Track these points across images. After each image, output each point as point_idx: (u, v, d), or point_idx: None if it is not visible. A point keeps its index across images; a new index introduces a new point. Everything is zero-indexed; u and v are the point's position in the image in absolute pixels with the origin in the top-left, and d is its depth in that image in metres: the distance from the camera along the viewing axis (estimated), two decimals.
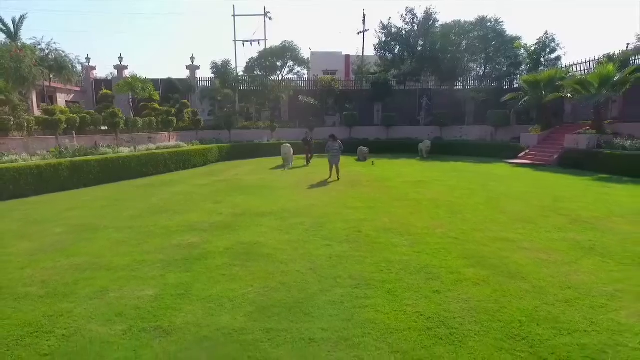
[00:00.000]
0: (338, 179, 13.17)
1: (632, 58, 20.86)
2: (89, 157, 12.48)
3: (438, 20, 34.08)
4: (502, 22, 33.36)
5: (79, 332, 3.56)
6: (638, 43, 20.82)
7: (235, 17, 32.04)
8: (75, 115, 14.57)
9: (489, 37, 32.48)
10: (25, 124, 13.20)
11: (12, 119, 12.64)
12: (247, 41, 32.45)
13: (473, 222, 7.40)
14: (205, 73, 32.35)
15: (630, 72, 17.35)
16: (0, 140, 12.34)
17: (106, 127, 17.17)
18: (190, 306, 4.05)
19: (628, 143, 15.25)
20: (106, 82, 28.38)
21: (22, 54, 13.46)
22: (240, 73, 30.27)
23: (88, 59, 29.58)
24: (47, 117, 13.29)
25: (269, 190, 11.41)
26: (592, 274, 4.81)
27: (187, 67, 31.13)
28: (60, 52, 16.26)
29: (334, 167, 13.44)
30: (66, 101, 26.82)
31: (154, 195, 10.81)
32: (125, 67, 30.81)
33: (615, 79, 17.22)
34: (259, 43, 32.71)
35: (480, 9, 79.91)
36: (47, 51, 16.08)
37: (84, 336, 3.49)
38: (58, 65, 16.06)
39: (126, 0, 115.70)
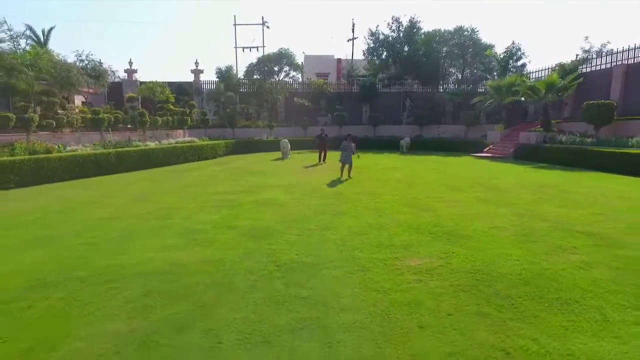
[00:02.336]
0: (350, 177, 13.06)
1: (580, 67, 24.45)
2: (128, 149, 15.58)
3: (422, 29, 37.37)
4: (478, 31, 37.01)
5: (188, 224, 6.74)
6: (584, 55, 24.34)
7: (236, 27, 35.03)
8: (111, 115, 17.62)
9: (466, 44, 36.07)
10: (75, 121, 16.23)
11: (65, 117, 15.63)
12: (247, 47, 35.68)
13: (421, 191, 10.67)
14: (207, 76, 35.25)
15: (571, 80, 20.87)
16: (58, 134, 15.35)
17: (131, 125, 20.19)
18: (242, 221, 7.24)
19: (564, 138, 18.74)
20: (116, 85, 31.18)
21: (71, 64, 16.49)
22: (241, 76, 33.39)
23: (100, 63, 32.44)
24: (94, 116, 16.34)
25: (273, 173, 14.62)
26: (477, 210, 8.10)
27: (192, 72, 34.10)
28: (97, 62, 19.30)
29: (346, 166, 13.29)
30: (81, 102, 29.68)
31: (184, 177, 13.95)
32: (135, 71, 33.65)
33: (559, 85, 20.70)
34: (257, 49, 35.95)
35: (459, 18, 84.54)
36: (86, 61, 19.14)
37: (189, 228, 6.66)
38: (96, 74, 19.08)
39: (133, 8, 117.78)
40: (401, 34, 38.20)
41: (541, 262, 4.98)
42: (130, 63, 33.23)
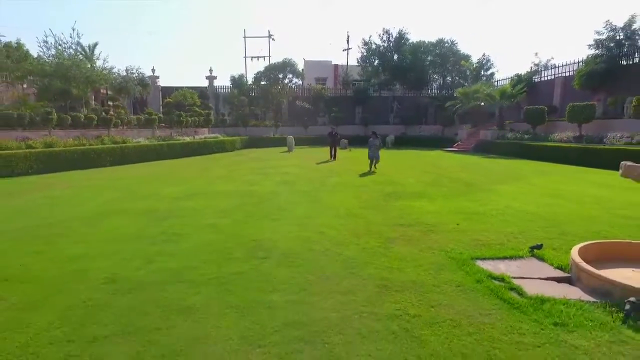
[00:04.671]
0: (375, 170, 14.44)
1: (533, 77, 29.68)
2: (174, 142, 20.69)
3: (409, 39, 42.40)
4: (457, 43, 42.14)
5: (245, 178, 11.84)
6: (535, 67, 29.54)
7: (246, 39, 40.17)
8: (157, 115, 22.73)
9: (447, 54, 41.21)
10: (134, 121, 21.35)
11: (126, 117, 20.71)
12: (255, 57, 40.69)
13: (392, 172, 15.80)
14: (219, 82, 40.29)
15: (520, 89, 26.07)
16: (121, 130, 20.42)
17: (164, 124, 25.29)
18: (273, 177, 12.34)
19: (510, 135, 23.92)
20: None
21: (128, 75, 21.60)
22: (250, 82, 38.47)
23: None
24: (148, 116, 21.45)
25: (284, 159, 19.74)
26: (417, 175, 13.23)
27: (207, 78, 39.20)
28: (143, 73, 24.38)
29: (373, 160, 14.65)
30: (113, 104, 34.75)
31: (221, 161, 19.03)
32: (157, 77, 38.75)
33: (510, 93, 25.89)
34: (264, 59, 40.97)
35: (440, 31, 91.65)
36: (135, 73, 24.21)
37: (246, 180, 11.74)
38: (142, 83, 24.16)
39: (149, 18, 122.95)
40: (391, 44, 43.19)
41: (427, 188, 10.12)
42: (153, 70, 38.27)
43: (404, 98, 40.27)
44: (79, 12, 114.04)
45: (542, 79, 28.97)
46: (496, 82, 33.67)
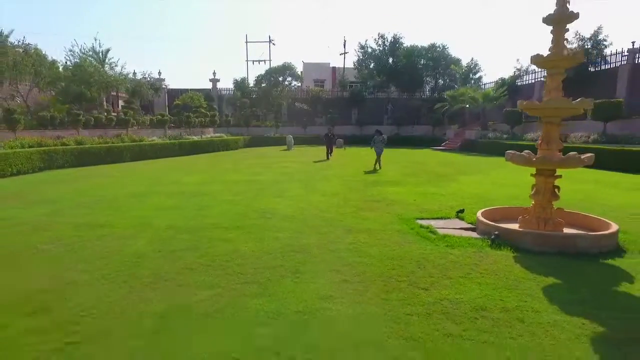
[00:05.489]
0: (380, 167, 15.15)
1: (517, 80, 31.87)
2: (183, 140, 22.83)
3: (403, 44, 44.56)
4: (448, 47, 44.24)
5: (250, 170, 14.00)
6: (517, 72, 31.75)
7: (247, 44, 42.35)
8: (169, 117, 24.92)
9: (438, 58, 43.36)
10: (148, 121, 23.55)
11: (141, 118, 22.88)
12: (256, 61, 43.01)
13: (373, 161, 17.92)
14: (223, 84, 42.51)
15: (501, 92, 28.25)
16: (136, 130, 22.59)
17: (173, 124, 27.44)
18: (275, 169, 14.50)
19: (491, 135, 26.10)
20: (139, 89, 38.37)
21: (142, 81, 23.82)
22: (252, 84, 40.63)
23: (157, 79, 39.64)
24: (160, 117, 23.63)
25: (284, 156, 21.89)
26: (399, 168, 15.39)
27: (210, 80, 41.37)
28: (155, 78, 26.47)
29: (380, 156, 15.52)
30: (121, 105, 36.89)
31: (226, 157, 21.16)
32: (164, 80, 40.89)
33: (492, 96, 28.08)
34: (265, 62, 43.12)
35: (433, 36, 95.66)
36: (148, 78, 26.37)
37: (250, 171, 13.90)
38: (155, 87, 26.33)
39: (153, 24, 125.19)
40: (386, 48, 45.36)
41: (403, 178, 12.27)
42: (160, 73, 40.48)
43: (398, 100, 42.42)
44: (89, 18, 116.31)
45: (524, 82, 31.16)
46: (484, 85, 35.89)
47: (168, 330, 3.25)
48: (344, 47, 46.56)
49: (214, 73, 41.04)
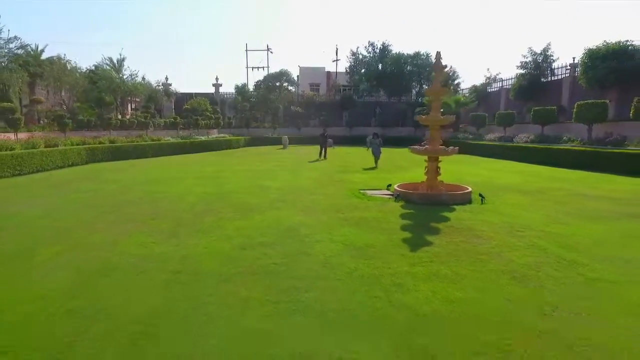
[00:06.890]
0: (376, 167, 16.90)
1: (488, 88, 35.88)
2: (193, 140, 26.70)
3: (391, 51, 48.43)
4: (431, 55, 48.17)
5: (253, 167, 17.87)
6: (487, 80, 35.76)
7: (248, 52, 46.27)
8: (180, 120, 28.80)
9: (423, 65, 47.29)
10: (162, 123, 27.45)
11: (156, 120, 26.84)
12: (255, 67, 46.81)
13: (354, 160, 21.81)
14: (225, 89, 46.46)
15: (471, 98, 32.22)
16: (152, 131, 26.44)
17: (182, 126, 31.31)
18: (272, 162, 18.38)
19: (460, 135, 30.06)
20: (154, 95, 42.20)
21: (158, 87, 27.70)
22: (251, 89, 44.54)
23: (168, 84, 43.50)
24: (173, 120, 27.49)
25: (279, 154, 25.79)
26: (370, 162, 19.32)
27: (213, 85, 45.33)
28: (167, 84, 30.39)
29: (378, 157, 17.13)
30: (132, 108, 40.73)
31: (230, 154, 25.03)
32: (170, 84, 44.76)
33: (462, 101, 32.04)
34: (263, 69, 47.05)
35: (418, 44, 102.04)
36: (162, 86, 30.24)
37: (253, 169, 17.77)
38: (167, 93, 30.21)
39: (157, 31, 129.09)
40: (376, 55, 49.22)
41: (360, 175, 16.17)
42: (166, 78, 44.36)
43: (385, 104, 46.36)
44: (98, 22, 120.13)
45: (493, 90, 35.18)
46: (462, 91, 39.84)
47: (223, 221, 7.15)
48: (336, 55, 50.53)
49: (217, 78, 45.17)
